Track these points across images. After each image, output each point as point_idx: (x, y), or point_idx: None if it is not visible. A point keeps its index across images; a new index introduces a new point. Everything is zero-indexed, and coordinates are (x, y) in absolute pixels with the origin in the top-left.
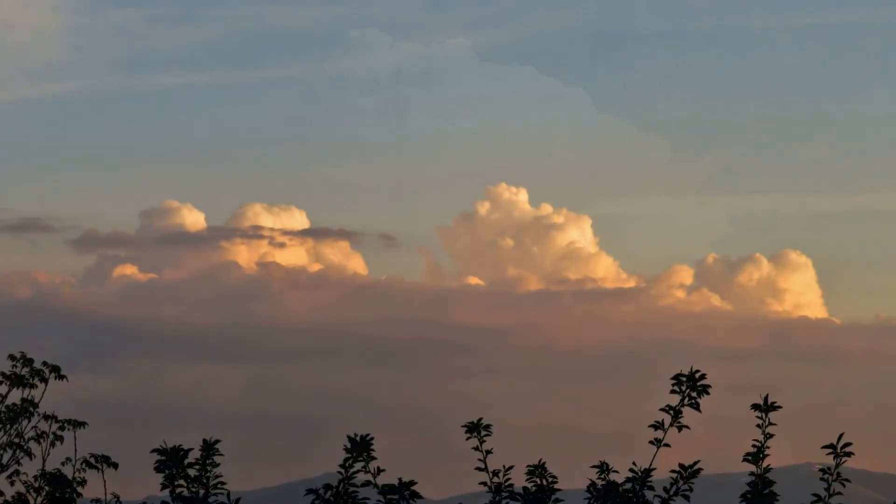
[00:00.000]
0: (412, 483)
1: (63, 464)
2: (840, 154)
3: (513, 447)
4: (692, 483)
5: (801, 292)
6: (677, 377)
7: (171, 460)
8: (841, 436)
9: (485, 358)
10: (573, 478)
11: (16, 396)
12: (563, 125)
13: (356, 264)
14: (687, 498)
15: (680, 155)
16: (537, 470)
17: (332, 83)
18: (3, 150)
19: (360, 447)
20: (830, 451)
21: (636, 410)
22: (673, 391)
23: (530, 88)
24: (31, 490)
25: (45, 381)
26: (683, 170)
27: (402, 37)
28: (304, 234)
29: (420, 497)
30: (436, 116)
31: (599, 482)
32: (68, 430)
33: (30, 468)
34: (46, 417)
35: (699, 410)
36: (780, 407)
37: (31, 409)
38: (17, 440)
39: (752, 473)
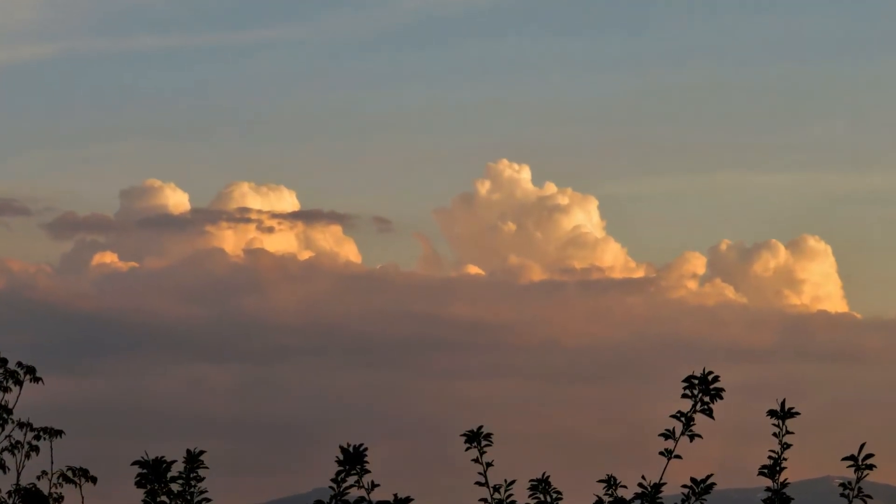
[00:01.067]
0: (408, 500)
1: (39, 477)
2: (862, 129)
3: (515, 455)
4: (705, 500)
5: (819, 283)
6: (689, 380)
7: (152, 474)
8: (862, 446)
9: (485, 357)
10: (579, 492)
11: None
12: (567, 95)
13: (349, 251)
14: None
15: (692, 130)
16: (540, 485)
17: (324, 47)
18: None
19: (353, 459)
20: (851, 463)
21: (644, 415)
22: (684, 395)
23: (533, 54)
24: None
25: (19, 383)
26: (695, 146)
27: None
28: (293, 216)
29: None
30: (432, 85)
31: (606, 498)
32: (44, 439)
33: (3, 483)
34: (21, 425)
35: (712, 417)
36: (797, 413)
37: (5, 415)
38: None
39: (768, 489)
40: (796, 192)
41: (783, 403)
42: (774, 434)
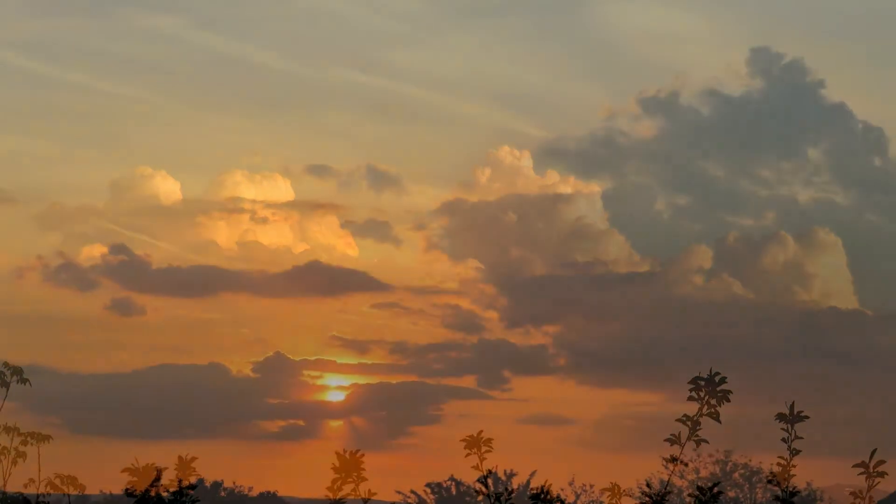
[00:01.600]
0: None
1: (26, 486)
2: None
3: (517, 462)
4: None
5: (829, 278)
6: (695, 381)
7: (143, 482)
8: (873, 453)
9: (485, 357)
10: (581, 494)
11: None
12: (568, 76)
13: (345, 245)
14: None
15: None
16: (542, 494)
17: (320, 33)
18: None
19: (349, 465)
20: (862, 470)
21: (648, 416)
22: (690, 398)
23: (535, 38)
24: None
25: (6, 385)
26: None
27: None
28: (288, 206)
29: None
30: (431, 71)
31: None
32: (31, 444)
33: None
34: (7, 430)
35: (719, 421)
36: (807, 417)
37: None
38: None
39: (776, 497)
40: (803, 181)
41: (792, 406)
42: (783, 440)
